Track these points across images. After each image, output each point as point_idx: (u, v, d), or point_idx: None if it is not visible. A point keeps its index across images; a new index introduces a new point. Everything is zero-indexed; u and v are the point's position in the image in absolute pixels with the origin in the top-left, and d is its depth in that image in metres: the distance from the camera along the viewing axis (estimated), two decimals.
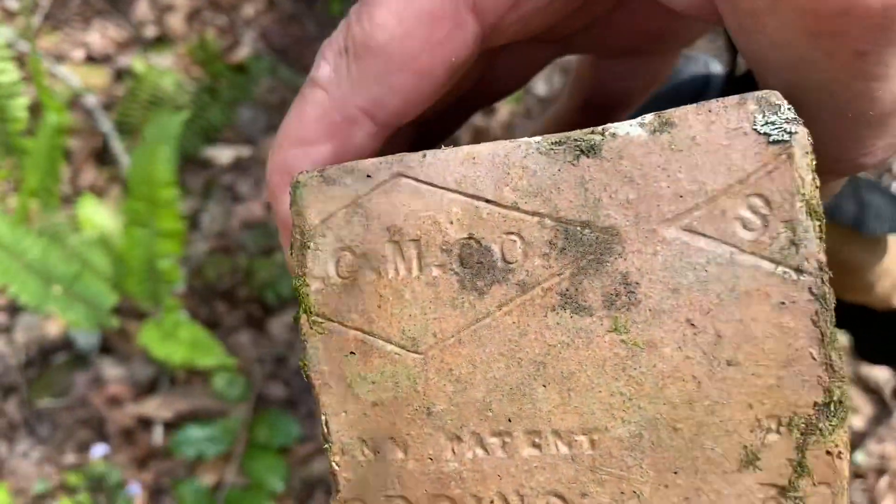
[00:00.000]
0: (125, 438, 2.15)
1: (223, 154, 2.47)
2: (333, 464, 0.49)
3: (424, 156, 0.46)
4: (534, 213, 0.44)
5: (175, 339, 1.95)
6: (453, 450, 0.47)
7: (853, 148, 0.43)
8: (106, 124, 2.32)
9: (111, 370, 2.23)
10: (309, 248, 0.47)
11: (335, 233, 0.47)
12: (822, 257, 0.41)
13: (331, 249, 0.47)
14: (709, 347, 0.42)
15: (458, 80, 0.52)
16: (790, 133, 0.40)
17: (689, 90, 1.11)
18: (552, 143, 0.44)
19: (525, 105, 2.39)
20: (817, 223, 0.41)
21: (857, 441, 2.16)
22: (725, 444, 0.43)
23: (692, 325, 0.42)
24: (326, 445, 0.49)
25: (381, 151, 0.52)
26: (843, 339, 2.21)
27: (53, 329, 2.27)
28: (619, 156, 0.43)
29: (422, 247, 0.46)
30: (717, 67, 1.16)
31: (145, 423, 2.17)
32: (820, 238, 0.41)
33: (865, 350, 1.41)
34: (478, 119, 2.42)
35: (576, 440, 0.45)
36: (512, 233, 0.45)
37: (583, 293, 0.44)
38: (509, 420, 0.46)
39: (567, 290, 0.44)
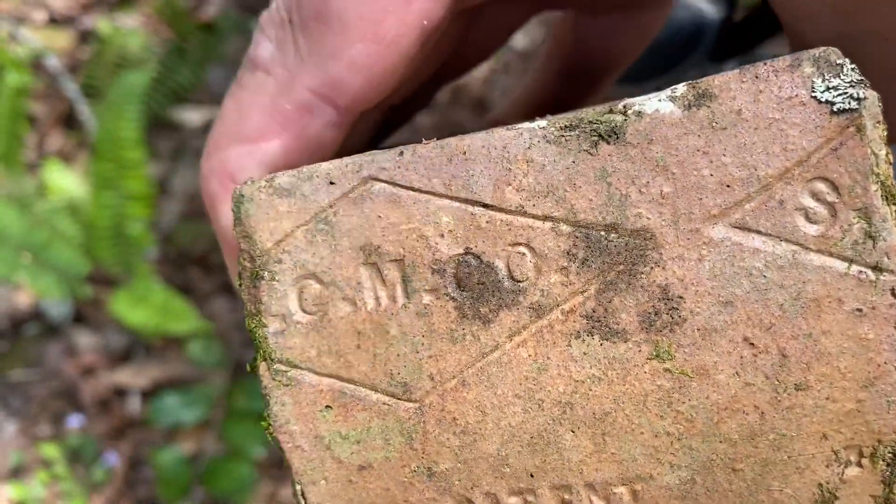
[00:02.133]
0: (101, 408, 2.11)
1: (193, 116, 2.40)
2: None
3: (401, 153, 0.39)
4: (545, 218, 0.37)
5: (148, 306, 1.90)
6: None
7: None
8: (71, 88, 2.24)
9: (84, 339, 2.18)
10: (263, 278, 0.40)
11: (294, 257, 0.40)
12: None
13: (291, 279, 0.40)
14: (773, 370, 0.37)
15: (431, 50, 0.44)
16: (858, 99, 0.34)
17: (675, 41, 1.02)
18: (562, 129, 0.37)
19: (503, 60, 2.33)
20: (895, 209, 0.35)
21: None
22: (797, 484, 0.38)
23: (751, 344, 0.36)
24: None
25: (344, 144, 0.45)
26: None
27: (24, 299, 2.22)
28: (648, 139, 0.36)
29: (407, 268, 0.39)
30: (709, 10, 1.06)
31: (121, 393, 2.13)
32: None
33: None
34: None
35: (615, 493, 0.39)
36: (519, 244, 0.38)
37: (614, 314, 0.38)
38: (531, 475, 0.40)
39: (594, 311, 0.38)
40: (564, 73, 0.56)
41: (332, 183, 0.38)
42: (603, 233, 0.37)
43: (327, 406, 0.40)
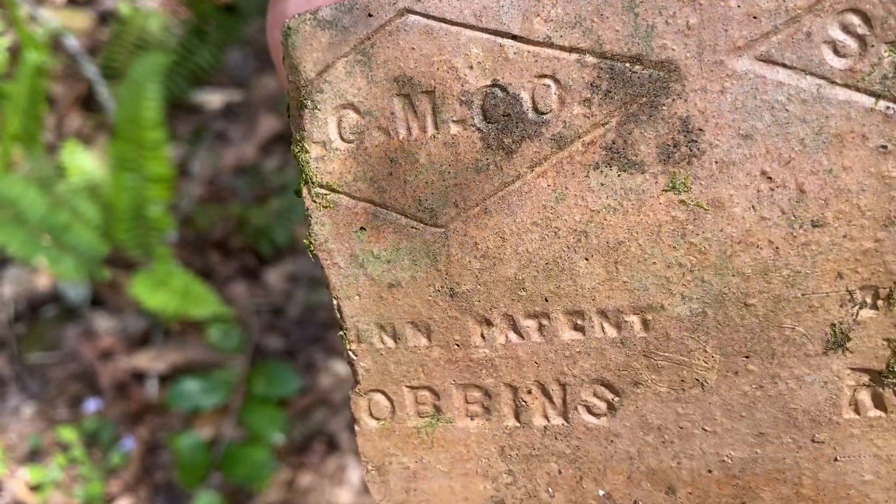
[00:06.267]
0: (118, 392, 2.11)
1: (213, 98, 2.41)
2: (349, 352, 0.46)
3: None
4: (571, 49, 0.38)
5: (168, 289, 1.90)
6: (483, 334, 0.43)
7: None
8: (91, 69, 2.25)
9: (102, 323, 2.18)
10: (306, 106, 0.42)
11: (335, 87, 0.42)
12: None
13: (331, 108, 0.42)
14: (789, 205, 0.37)
15: None
16: None
17: None
18: None
19: None
20: None
21: None
22: (809, 322, 0.38)
23: (769, 178, 0.37)
24: (341, 332, 0.46)
25: None
26: None
27: (42, 282, 2.22)
28: None
29: (437, 99, 0.41)
30: None
31: (139, 377, 2.12)
32: None
33: None
34: None
35: (625, 321, 0.41)
36: (545, 76, 0.39)
37: (633, 145, 0.38)
38: (546, 300, 0.42)
39: (613, 142, 0.38)
40: None
41: (370, 15, 0.40)
42: (628, 64, 0.37)
43: (362, 227, 0.43)
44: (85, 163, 2.06)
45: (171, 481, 2.01)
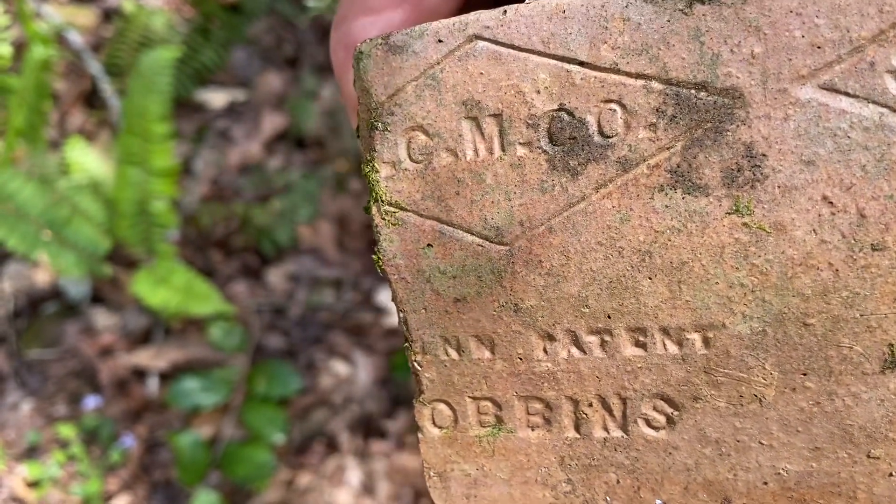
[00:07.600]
0: (118, 390, 2.11)
1: (217, 97, 2.41)
2: (415, 363, 0.47)
3: (504, 12, 0.41)
4: (638, 76, 0.39)
5: (169, 286, 1.90)
6: (545, 349, 0.44)
7: None
8: (94, 66, 2.24)
9: (103, 320, 2.18)
10: (377, 128, 0.44)
11: (405, 110, 0.43)
12: None
13: (401, 129, 0.43)
14: (849, 230, 0.38)
15: None
16: None
17: None
18: None
19: None
20: None
21: None
22: (866, 342, 0.39)
23: (830, 203, 0.37)
24: (406, 344, 0.47)
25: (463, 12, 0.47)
26: None
27: (42, 278, 2.22)
28: (743, 0, 0.37)
29: (504, 122, 0.41)
30: None
31: (139, 374, 2.12)
32: None
33: None
34: None
35: (687, 338, 0.42)
36: (611, 101, 0.40)
37: (697, 169, 0.39)
38: (609, 316, 0.43)
39: (678, 166, 0.39)
40: None
41: (440, 41, 0.41)
42: (693, 91, 0.38)
43: (429, 244, 0.44)
44: (88, 159, 2.05)
45: (171, 480, 2.01)
